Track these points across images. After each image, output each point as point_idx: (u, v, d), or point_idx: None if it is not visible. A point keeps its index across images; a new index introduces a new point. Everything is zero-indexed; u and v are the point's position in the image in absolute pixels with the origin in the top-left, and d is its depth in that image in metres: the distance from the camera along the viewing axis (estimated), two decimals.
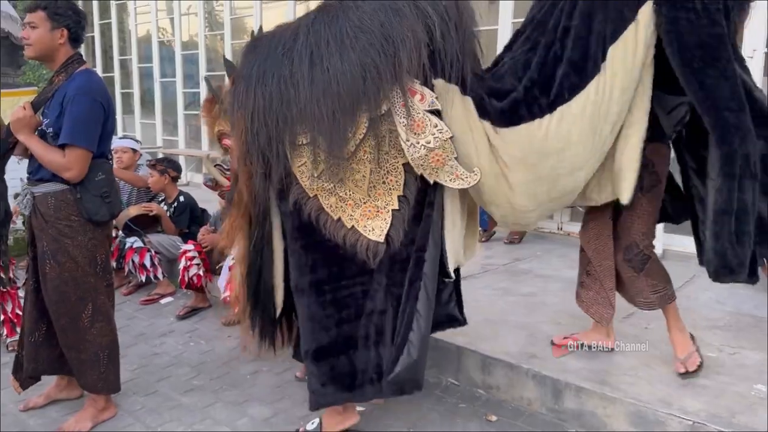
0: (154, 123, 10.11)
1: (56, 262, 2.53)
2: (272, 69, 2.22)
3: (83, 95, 2.48)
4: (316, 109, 2.14)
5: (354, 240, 2.25)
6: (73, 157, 2.46)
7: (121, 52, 10.72)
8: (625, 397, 2.50)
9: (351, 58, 2.12)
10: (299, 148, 2.22)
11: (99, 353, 2.65)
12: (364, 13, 2.17)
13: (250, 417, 2.76)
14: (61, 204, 2.52)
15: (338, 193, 2.25)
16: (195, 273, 3.94)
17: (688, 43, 2.20)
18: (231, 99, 2.30)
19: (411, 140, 2.16)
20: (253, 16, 8.17)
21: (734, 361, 2.83)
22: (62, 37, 2.53)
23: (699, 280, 4.05)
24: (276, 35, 2.32)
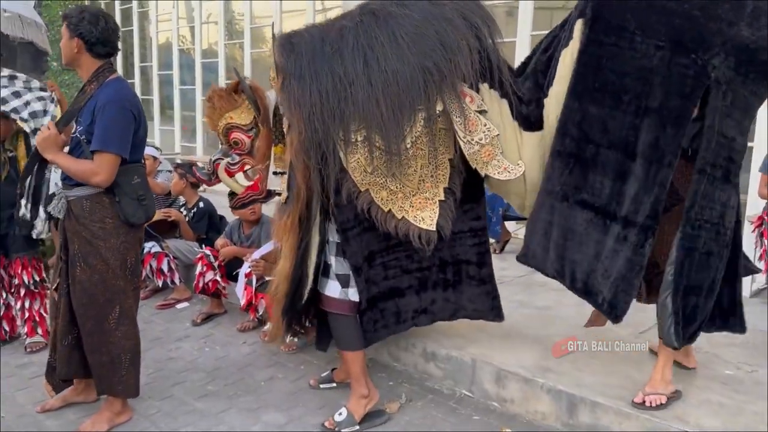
0: (173, 129, 10.24)
1: (87, 264, 2.58)
2: (325, 67, 2.31)
3: (113, 103, 2.53)
4: (374, 108, 2.28)
5: (405, 229, 2.45)
6: (101, 162, 2.50)
7: (141, 59, 10.89)
8: (641, 413, 2.48)
9: (410, 60, 2.29)
10: (353, 145, 2.34)
11: (121, 356, 2.68)
12: (416, 20, 2.35)
13: (264, 423, 2.77)
14: (96, 206, 2.57)
15: (389, 186, 2.41)
16: (211, 278, 3.97)
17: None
18: (286, 96, 2.34)
19: (467, 138, 2.43)
20: (272, 25, 8.26)
21: (752, 378, 2.80)
22: (77, 46, 2.57)
23: None
24: (314, 34, 2.41)
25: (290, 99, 2.32)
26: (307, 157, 2.34)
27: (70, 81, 11.29)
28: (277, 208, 2.55)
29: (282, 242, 2.52)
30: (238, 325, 3.92)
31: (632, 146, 2.31)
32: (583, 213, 2.41)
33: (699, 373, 2.85)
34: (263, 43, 8.84)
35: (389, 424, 2.75)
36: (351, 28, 2.37)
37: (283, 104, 2.39)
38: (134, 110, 2.59)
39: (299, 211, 2.45)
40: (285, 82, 2.35)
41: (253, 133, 2.67)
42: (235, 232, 4.17)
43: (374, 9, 2.41)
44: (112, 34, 2.64)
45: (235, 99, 2.66)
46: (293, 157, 2.37)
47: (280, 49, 2.40)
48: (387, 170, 2.37)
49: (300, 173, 2.38)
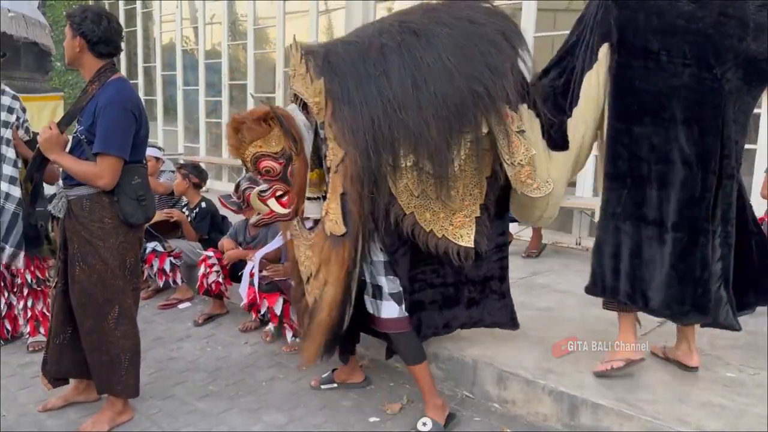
0: (176, 130, 10.26)
1: (86, 264, 2.58)
2: (373, 90, 2.26)
3: (113, 104, 2.53)
4: (426, 133, 2.24)
5: (445, 247, 2.47)
6: (104, 165, 2.51)
7: (145, 60, 10.91)
8: (643, 415, 2.47)
9: (459, 84, 2.25)
10: (401, 170, 2.33)
11: (121, 356, 2.69)
12: (459, 40, 2.31)
13: (265, 424, 2.77)
14: (95, 206, 2.57)
15: (432, 208, 2.43)
16: (214, 280, 3.97)
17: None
18: (339, 126, 2.28)
19: (510, 159, 2.45)
20: (276, 26, 8.27)
21: (754, 381, 2.79)
22: (79, 46, 2.57)
23: None
24: (351, 53, 2.35)
25: (343, 127, 2.26)
26: (361, 187, 2.29)
27: (74, 81, 11.32)
28: (328, 238, 2.39)
29: (328, 270, 2.43)
30: (240, 326, 3.92)
31: (680, 158, 2.48)
32: (647, 230, 2.55)
33: (701, 375, 2.84)
34: (266, 44, 8.85)
35: (389, 424, 2.75)
36: (393, 48, 2.31)
37: (334, 132, 2.30)
38: (135, 111, 2.59)
39: (356, 240, 2.38)
40: (336, 109, 2.28)
41: (284, 159, 2.54)
42: (240, 233, 4.17)
43: (414, 28, 2.34)
44: (115, 33, 2.63)
45: (264, 128, 2.51)
46: (348, 187, 2.30)
47: (322, 72, 2.30)
48: (434, 194, 2.38)
49: (355, 203, 2.32)
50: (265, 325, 3.79)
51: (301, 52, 2.42)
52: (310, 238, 2.57)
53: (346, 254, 2.35)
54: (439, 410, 2.69)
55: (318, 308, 2.51)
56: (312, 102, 2.35)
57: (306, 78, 2.36)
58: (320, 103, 2.30)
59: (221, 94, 9.23)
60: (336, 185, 2.34)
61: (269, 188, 2.60)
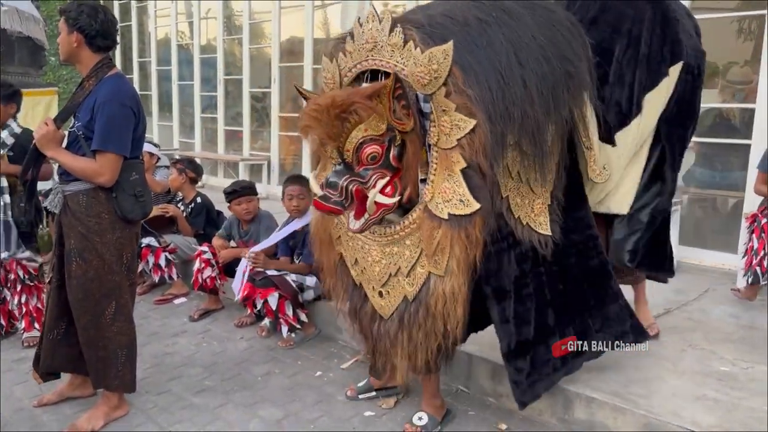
0: (171, 125, 10.23)
1: (83, 259, 2.57)
2: (484, 62, 2.11)
3: (112, 101, 2.52)
4: (529, 110, 2.13)
5: (528, 235, 2.31)
6: (104, 162, 2.50)
7: (140, 55, 10.87)
8: (637, 409, 2.48)
9: (553, 64, 2.20)
10: (507, 148, 2.18)
11: (118, 351, 2.69)
12: (544, 23, 2.27)
13: (260, 419, 2.77)
14: (92, 201, 2.56)
15: (522, 191, 2.29)
16: (209, 275, 3.97)
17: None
18: (468, 90, 2.06)
19: (586, 142, 2.51)
20: (271, 21, 8.24)
21: (748, 375, 2.81)
22: (76, 41, 2.56)
23: (713, 293, 4.04)
24: (450, 23, 2.16)
25: (473, 96, 2.05)
26: (493, 158, 2.11)
27: (68, 76, 11.30)
28: (444, 222, 2.14)
29: (440, 260, 2.17)
30: (236, 321, 3.92)
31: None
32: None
33: (695, 369, 2.86)
34: (262, 39, 8.83)
35: (384, 419, 2.76)
36: (491, 23, 2.16)
37: (462, 101, 2.06)
38: (134, 107, 2.58)
39: (489, 215, 2.16)
40: (465, 76, 2.06)
41: (386, 141, 2.18)
42: (234, 228, 4.18)
43: (503, 6, 2.23)
44: (111, 26, 2.63)
45: (375, 105, 2.14)
46: (480, 159, 2.09)
47: (432, 41, 2.07)
48: (528, 176, 2.25)
49: (487, 176, 2.12)
50: (261, 320, 3.80)
51: (389, 20, 2.18)
52: (394, 232, 2.30)
53: (477, 233, 2.12)
54: (438, 409, 2.69)
55: (425, 306, 2.24)
56: (423, 71, 2.07)
57: (408, 47, 2.11)
58: (439, 70, 2.05)
59: (216, 89, 9.21)
60: (453, 160, 2.12)
61: (371, 178, 2.20)
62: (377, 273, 2.38)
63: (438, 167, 2.17)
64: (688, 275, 4.44)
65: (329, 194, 2.17)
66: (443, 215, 2.15)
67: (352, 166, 2.21)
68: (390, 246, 2.33)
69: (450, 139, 2.11)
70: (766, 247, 3.65)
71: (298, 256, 3.78)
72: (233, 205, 4.06)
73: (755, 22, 5.15)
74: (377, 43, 2.21)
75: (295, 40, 8.25)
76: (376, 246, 2.36)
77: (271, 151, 8.34)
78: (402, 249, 2.30)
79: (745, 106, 4.76)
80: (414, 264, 2.27)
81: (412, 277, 2.28)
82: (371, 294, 2.42)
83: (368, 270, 2.41)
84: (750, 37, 5.59)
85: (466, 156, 2.09)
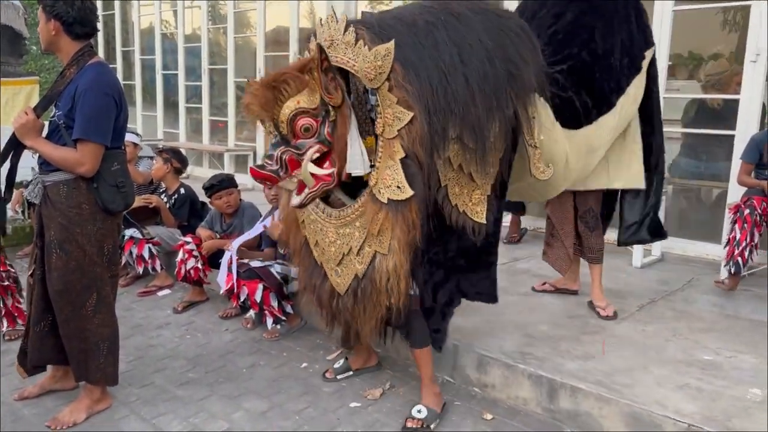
0: (155, 115, 10.12)
1: (63, 251, 2.54)
2: (427, 60, 2.29)
3: (93, 89, 2.48)
4: (471, 106, 2.31)
5: (462, 222, 2.52)
6: (85, 152, 2.47)
7: (123, 44, 10.73)
8: (621, 398, 2.49)
9: (496, 65, 2.37)
10: (447, 141, 2.36)
11: (99, 344, 2.66)
12: (492, 28, 2.46)
13: (245, 410, 2.76)
14: (72, 192, 2.52)
15: (461, 182, 2.48)
16: (193, 266, 3.93)
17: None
18: (406, 85, 2.24)
19: (530, 141, 2.66)
20: (256, 10, 8.16)
21: (731, 364, 2.83)
22: (54, 28, 2.52)
23: (697, 283, 4.07)
24: (398, 24, 2.37)
25: (412, 90, 2.23)
26: (428, 149, 2.29)
27: (50, 65, 11.13)
28: (385, 206, 2.31)
29: (383, 240, 2.35)
30: (220, 313, 3.90)
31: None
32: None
33: (679, 358, 2.88)
34: (247, 29, 8.74)
35: (370, 410, 2.75)
36: (438, 25, 2.36)
37: (401, 94, 2.24)
38: (116, 96, 2.54)
39: (423, 202, 2.35)
40: (404, 72, 2.24)
41: (320, 116, 2.34)
42: (216, 221, 4.14)
43: (452, 10, 2.43)
44: (90, 13, 2.59)
45: (305, 79, 2.32)
46: (417, 149, 2.26)
47: (379, 39, 2.26)
48: (470, 168, 2.43)
49: (422, 165, 2.30)
50: (246, 312, 3.77)
51: (345, 21, 2.36)
52: (346, 215, 2.46)
53: (414, 216, 2.31)
54: (437, 398, 2.69)
55: (371, 282, 2.42)
56: (370, 67, 2.25)
57: (358, 45, 2.28)
58: (382, 66, 2.23)
59: (201, 78, 9.11)
60: (394, 150, 2.29)
61: (305, 150, 2.36)
62: (333, 253, 2.53)
63: (382, 155, 2.33)
64: (673, 265, 4.47)
65: (266, 163, 2.34)
66: (383, 200, 2.32)
67: (288, 138, 2.37)
68: (343, 228, 2.48)
69: (392, 129, 2.27)
70: (748, 237, 3.68)
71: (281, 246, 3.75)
72: (214, 200, 4.02)
73: (740, 13, 5.17)
74: (334, 41, 2.38)
75: (281, 29, 8.18)
76: (332, 228, 2.52)
77: (257, 142, 8.27)
78: (353, 230, 2.45)
79: (729, 96, 4.78)
80: (362, 244, 2.43)
81: (361, 255, 2.44)
82: (330, 273, 2.57)
83: (326, 250, 2.56)
84: (735, 28, 5.62)
85: (404, 146, 2.27)
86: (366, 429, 2.60)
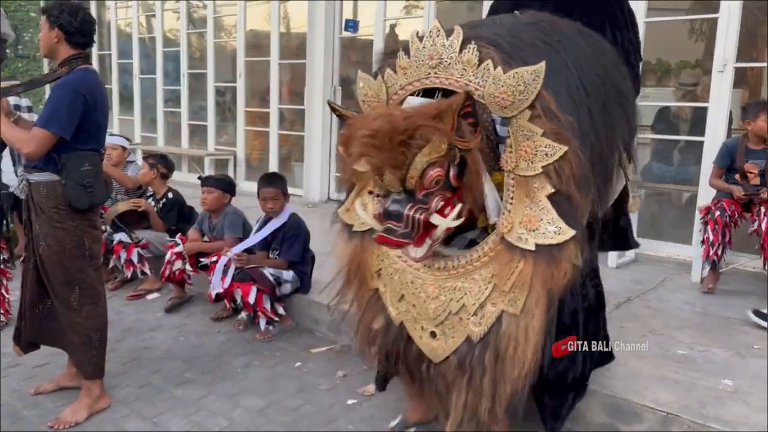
0: (132, 119, 10.07)
1: (47, 244, 2.68)
2: (562, 89, 1.96)
3: (66, 86, 2.64)
4: (595, 140, 1.99)
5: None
6: (34, 135, 2.58)
7: (100, 47, 10.64)
8: (602, 390, 2.64)
9: (610, 95, 2.11)
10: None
11: (91, 335, 2.77)
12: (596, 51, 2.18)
13: (244, 408, 2.84)
14: (51, 193, 2.66)
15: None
16: (179, 267, 3.99)
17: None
18: (561, 113, 1.89)
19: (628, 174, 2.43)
20: (236, 15, 8.21)
21: (703, 357, 3.00)
22: (57, 37, 2.71)
23: (670, 282, 4.26)
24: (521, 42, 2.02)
25: (565, 122, 1.89)
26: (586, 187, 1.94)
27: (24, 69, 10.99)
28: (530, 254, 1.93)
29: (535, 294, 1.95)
30: (212, 315, 3.96)
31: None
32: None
33: (656, 353, 3.04)
34: (226, 33, 8.78)
35: (366, 406, 2.85)
36: (558, 48, 2.03)
37: (553, 125, 1.89)
38: (87, 96, 2.65)
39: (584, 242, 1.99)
40: (556, 99, 1.90)
41: (447, 161, 1.94)
42: (204, 222, 4.21)
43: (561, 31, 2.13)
44: (90, 25, 2.79)
45: (442, 129, 1.89)
46: (570, 187, 1.90)
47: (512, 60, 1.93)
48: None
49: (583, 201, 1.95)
50: (238, 314, 3.84)
51: (460, 35, 2.00)
52: (460, 265, 2.09)
53: (566, 265, 1.93)
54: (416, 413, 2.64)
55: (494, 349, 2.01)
56: (506, 93, 1.90)
57: (484, 65, 1.95)
58: (525, 92, 1.88)
59: (179, 82, 9.11)
60: (536, 187, 1.94)
61: (432, 202, 1.95)
62: (432, 311, 2.12)
63: (515, 195, 1.98)
64: (646, 266, 4.66)
65: (393, 227, 1.91)
66: (529, 246, 1.94)
67: (412, 192, 1.95)
68: (452, 281, 2.10)
69: (533, 165, 1.92)
70: (720, 237, 3.88)
71: (273, 251, 3.84)
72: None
73: (706, 23, 5.42)
74: (443, 60, 2.02)
75: (261, 34, 8.24)
76: (433, 280, 2.13)
77: (237, 146, 8.32)
78: (470, 284, 2.07)
79: (699, 104, 5.01)
80: (484, 301, 2.04)
81: (479, 315, 2.04)
82: (418, 334, 2.16)
83: (419, 307, 2.16)
84: (702, 38, 5.88)
85: (553, 184, 1.91)
86: (363, 424, 2.71)
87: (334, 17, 6.97)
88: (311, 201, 6.98)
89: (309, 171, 7.14)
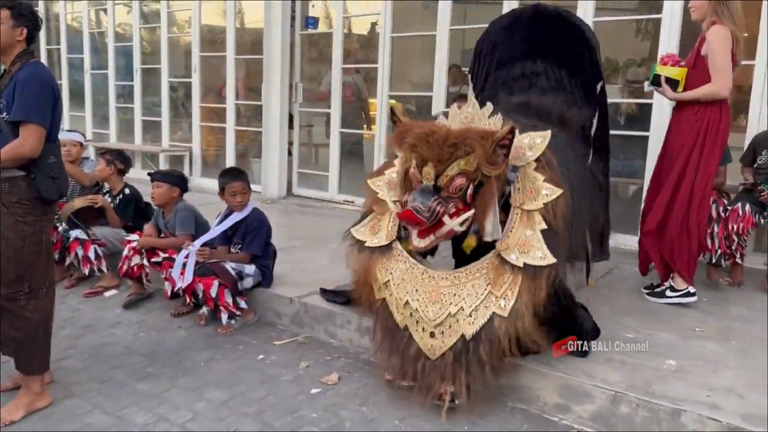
0: (83, 116, 9.85)
1: (4, 237, 2.65)
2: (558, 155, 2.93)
3: (34, 79, 2.66)
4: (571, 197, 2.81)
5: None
6: (27, 133, 2.60)
7: (48, 41, 10.38)
8: (555, 372, 2.78)
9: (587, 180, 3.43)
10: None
11: (38, 328, 2.75)
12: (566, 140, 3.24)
13: (207, 401, 2.87)
14: (14, 189, 2.65)
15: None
16: (137, 263, 3.97)
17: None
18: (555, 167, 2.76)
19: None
20: (191, 9, 8.12)
21: (649, 340, 3.16)
22: (21, 35, 2.74)
23: (618, 271, 4.46)
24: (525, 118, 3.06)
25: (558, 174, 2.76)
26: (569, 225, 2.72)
27: None
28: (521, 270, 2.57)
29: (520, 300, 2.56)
30: (172, 310, 3.94)
31: None
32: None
33: (605, 336, 3.18)
34: (180, 28, 8.68)
35: (329, 394, 2.92)
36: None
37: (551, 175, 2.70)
38: (54, 88, 2.73)
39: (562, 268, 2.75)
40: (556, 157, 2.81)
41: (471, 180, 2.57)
42: (159, 218, 4.18)
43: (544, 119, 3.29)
44: (41, 23, 2.86)
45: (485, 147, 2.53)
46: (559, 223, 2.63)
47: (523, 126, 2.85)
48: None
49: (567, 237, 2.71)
50: (199, 309, 3.85)
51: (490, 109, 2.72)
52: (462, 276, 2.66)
53: (543, 283, 2.54)
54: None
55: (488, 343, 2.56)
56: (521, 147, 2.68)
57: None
58: (534, 149, 2.70)
59: (133, 78, 8.96)
60: (534, 220, 2.61)
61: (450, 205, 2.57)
62: (431, 313, 2.63)
63: (517, 224, 2.64)
64: None
65: (419, 208, 2.49)
66: (518, 263, 2.56)
67: (439, 189, 2.56)
68: (453, 288, 2.64)
69: (535, 203, 2.62)
70: None
71: (235, 245, 3.86)
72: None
73: (651, 23, 5.65)
74: (473, 121, 2.73)
75: (216, 29, 8.18)
76: (436, 287, 2.67)
77: (193, 142, 8.24)
78: (467, 291, 2.62)
79: (643, 101, 5.23)
80: (479, 304, 2.58)
81: (473, 317, 2.57)
82: (419, 335, 2.65)
83: (421, 311, 2.66)
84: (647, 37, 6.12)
85: (547, 218, 2.58)
86: (326, 412, 2.77)
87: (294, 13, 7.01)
88: (269, 197, 6.98)
89: (267, 167, 7.15)
